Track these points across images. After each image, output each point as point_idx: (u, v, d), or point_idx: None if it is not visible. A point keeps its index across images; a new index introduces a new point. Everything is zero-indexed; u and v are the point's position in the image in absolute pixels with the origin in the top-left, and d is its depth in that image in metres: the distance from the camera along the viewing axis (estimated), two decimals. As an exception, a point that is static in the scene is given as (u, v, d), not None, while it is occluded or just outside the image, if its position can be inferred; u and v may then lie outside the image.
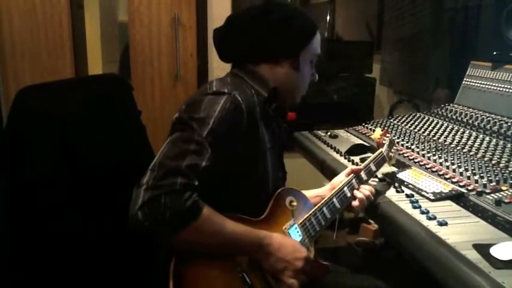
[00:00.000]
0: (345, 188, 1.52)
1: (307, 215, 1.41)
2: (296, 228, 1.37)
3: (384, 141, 1.80)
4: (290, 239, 1.32)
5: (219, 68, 3.42)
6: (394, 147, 1.85)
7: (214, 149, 1.17)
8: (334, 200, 1.48)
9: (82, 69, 3.40)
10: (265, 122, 1.36)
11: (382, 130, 1.86)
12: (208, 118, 1.19)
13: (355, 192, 1.53)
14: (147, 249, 1.24)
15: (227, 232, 1.17)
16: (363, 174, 1.60)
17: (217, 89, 1.28)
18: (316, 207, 1.44)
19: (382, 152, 1.74)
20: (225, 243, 1.18)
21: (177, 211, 1.06)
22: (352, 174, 1.56)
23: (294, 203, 1.41)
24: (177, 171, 1.09)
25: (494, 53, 2.32)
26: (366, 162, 1.66)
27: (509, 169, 1.65)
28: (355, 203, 1.52)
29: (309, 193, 1.58)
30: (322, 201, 1.46)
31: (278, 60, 1.41)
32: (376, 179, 1.71)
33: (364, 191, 1.53)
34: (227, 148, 1.22)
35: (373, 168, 1.66)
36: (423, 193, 1.54)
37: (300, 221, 1.39)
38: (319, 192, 1.60)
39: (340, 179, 1.58)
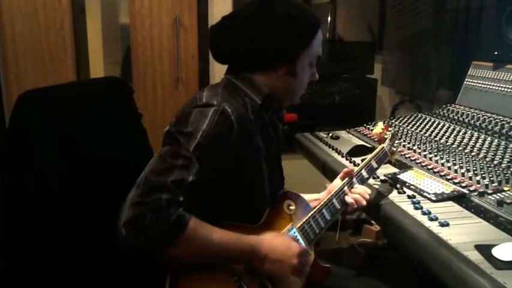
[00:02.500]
0: (345, 188, 1.51)
1: (306, 218, 1.38)
2: (295, 232, 1.35)
3: (386, 136, 1.78)
4: (281, 237, 1.28)
5: (220, 70, 3.41)
6: (397, 142, 1.82)
7: (202, 163, 1.14)
8: (334, 200, 1.46)
9: (84, 71, 3.41)
10: (260, 129, 1.33)
11: (384, 124, 1.83)
12: (195, 132, 1.17)
13: (351, 191, 1.50)
14: (144, 259, 1.23)
15: (215, 243, 1.15)
16: (363, 172, 1.59)
17: (207, 100, 1.24)
18: (315, 209, 1.41)
19: (383, 147, 1.72)
20: (215, 255, 1.16)
21: (162, 227, 1.05)
22: (354, 173, 1.55)
23: (292, 207, 1.39)
24: (162, 187, 1.08)
25: (496, 53, 2.31)
26: (367, 159, 1.65)
27: (511, 169, 1.64)
28: (350, 200, 1.49)
29: (306, 197, 1.54)
30: (322, 203, 1.43)
31: (273, 67, 1.34)
32: (378, 180, 1.71)
33: (355, 191, 1.51)
34: (216, 161, 1.19)
35: (375, 165, 1.65)
36: (425, 194, 1.54)
37: (299, 225, 1.36)
38: (317, 197, 1.58)
39: (337, 183, 1.55)
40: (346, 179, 1.53)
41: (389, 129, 1.80)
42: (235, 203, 1.29)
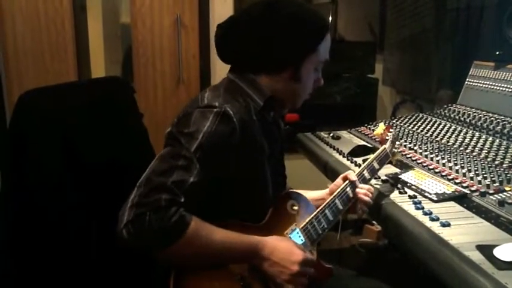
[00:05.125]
0: (348, 189, 1.50)
1: (309, 218, 1.38)
2: (298, 232, 1.35)
3: (387, 137, 1.78)
4: (286, 241, 1.27)
5: (221, 70, 3.41)
6: (398, 143, 1.82)
7: (203, 164, 1.14)
8: (337, 201, 1.46)
9: (85, 71, 3.41)
10: (263, 130, 1.33)
11: (385, 125, 1.82)
12: (197, 133, 1.16)
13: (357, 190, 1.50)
14: (145, 260, 1.23)
15: (217, 243, 1.15)
16: (365, 172, 1.58)
17: (208, 102, 1.24)
18: (318, 210, 1.41)
19: (385, 148, 1.72)
20: (217, 254, 1.16)
21: (163, 228, 1.05)
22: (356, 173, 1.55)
23: (296, 207, 1.39)
24: (162, 187, 1.08)
25: (497, 53, 2.31)
26: (369, 160, 1.65)
27: (513, 170, 1.64)
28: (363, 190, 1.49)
29: (307, 196, 1.53)
30: (324, 204, 1.43)
31: (278, 69, 1.33)
32: (379, 180, 1.71)
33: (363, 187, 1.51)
34: (218, 162, 1.19)
35: (376, 166, 1.65)
36: (426, 194, 1.54)
37: (302, 225, 1.36)
38: (319, 196, 1.57)
39: (338, 184, 1.54)
40: (351, 179, 1.52)
41: (391, 130, 1.80)
42: (238, 203, 1.29)
